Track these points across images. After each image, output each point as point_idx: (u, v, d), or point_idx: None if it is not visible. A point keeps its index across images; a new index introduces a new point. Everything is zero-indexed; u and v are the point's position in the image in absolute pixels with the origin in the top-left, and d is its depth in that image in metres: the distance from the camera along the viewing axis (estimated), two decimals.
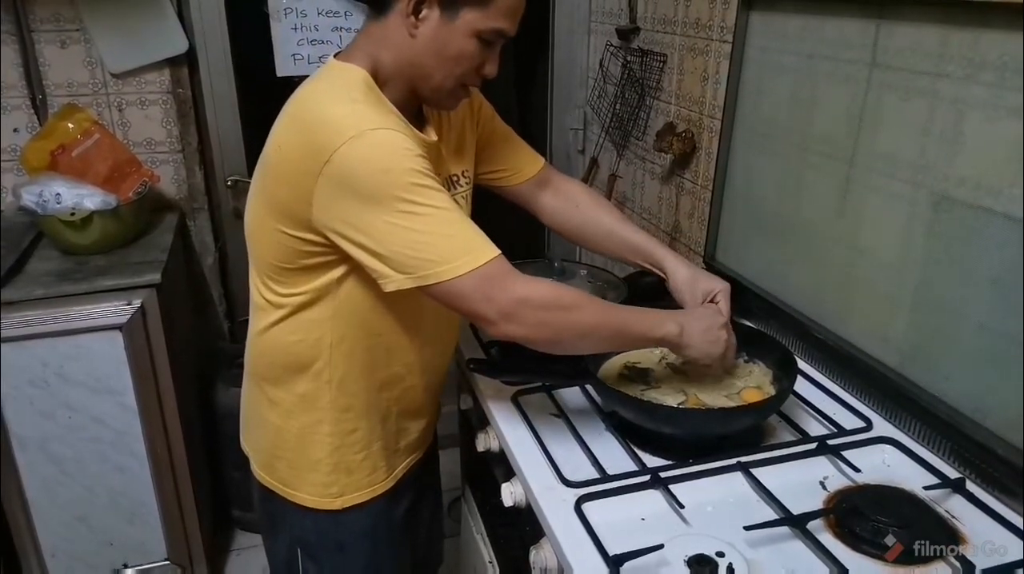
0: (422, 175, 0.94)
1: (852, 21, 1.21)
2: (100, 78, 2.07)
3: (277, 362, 1.13)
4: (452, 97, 1.07)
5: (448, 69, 1.02)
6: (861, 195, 1.23)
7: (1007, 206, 0.98)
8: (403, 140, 0.95)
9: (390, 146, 0.94)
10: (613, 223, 1.33)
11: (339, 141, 0.92)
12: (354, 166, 0.92)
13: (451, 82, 1.04)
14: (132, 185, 1.90)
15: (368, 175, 0.93)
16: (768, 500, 1.01)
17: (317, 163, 0.93)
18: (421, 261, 0.94)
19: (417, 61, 1.02)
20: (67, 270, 1.75)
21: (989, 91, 1.00)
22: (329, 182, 0.94)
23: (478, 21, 0.98)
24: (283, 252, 1.04)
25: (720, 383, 1.21)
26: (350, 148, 0.92)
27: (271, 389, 1.15)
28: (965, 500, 1.01)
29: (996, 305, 1.01)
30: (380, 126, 0.94)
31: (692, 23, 1.72)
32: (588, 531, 0.95)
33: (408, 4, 0.98)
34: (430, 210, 0.94)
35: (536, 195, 1.35)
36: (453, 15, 0.98)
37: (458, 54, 1.01)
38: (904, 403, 1.17)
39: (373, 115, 0.96)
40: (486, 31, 0.99)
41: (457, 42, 1.00)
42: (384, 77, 1.03)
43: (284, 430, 1.15)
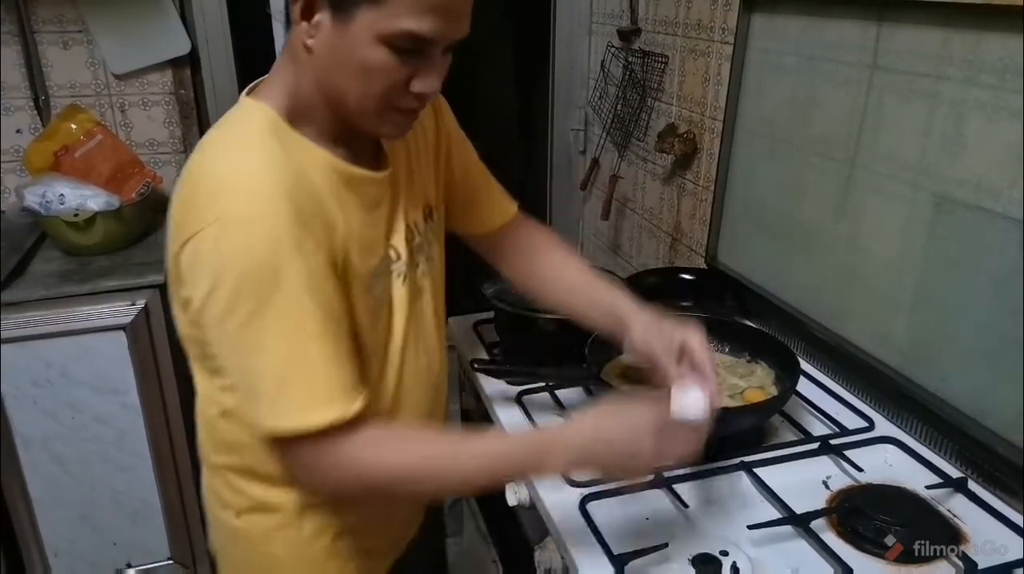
0: (287, 286, 0.74)
1: (853, 23, 1.21)
2: (103, 79, 2.07)
3: (227, 462, 0.94)
4: (385, 123, 0.84)
5: (360, 87, 0.79)
6: (862, 196, 1.23)
7: (1007, 207, 0.99)
8: (276, 234, 0.74)
9: (254, 242, 0.73)
10: (583, 286, 1.11)
11: (199, 223, 0.74)
12: (205, 261, 0.74)
13: (372, 103, 0.80)
14: (135, 186, 1.91)
15: (216, 276, 0.74)
16: (771, 499, 1.02)
17: (178, 240, 0.77)
18: (250, 397, 0.79)
19: (324, 80, 0.80)
20: (70, 271, 1.75)
21: (989, 93, 1.00)
22: (184, 269, 0.77)
23: (377, 22, 0.75)
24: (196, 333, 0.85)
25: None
26: (205, 237, 0.73)
27: (226, 492, 0.96)
28: (967, 499, 1.02)
29: (997, 305, 1.02)
30: (255, 211, 0.74)
31: (693, 24, 1.72)
32: (593, 530, 0.95)
33: (295, 8, 0.78)
34: (276, 338, 0.75)
35: (501, 245, 1.15)
36: (346, 18, 0.76)
37: (362, 66, 0.77)
38: (906, 403, 1.17)
39: (257, 187, 0.75)
40: (392, 34, 0.75)
41: (359, 51, 0.76)
42: (304, 106, 0.83)
43: (242, 534, 0.97)
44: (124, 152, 1.99)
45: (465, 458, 0.84)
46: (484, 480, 0.86)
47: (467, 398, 1.43)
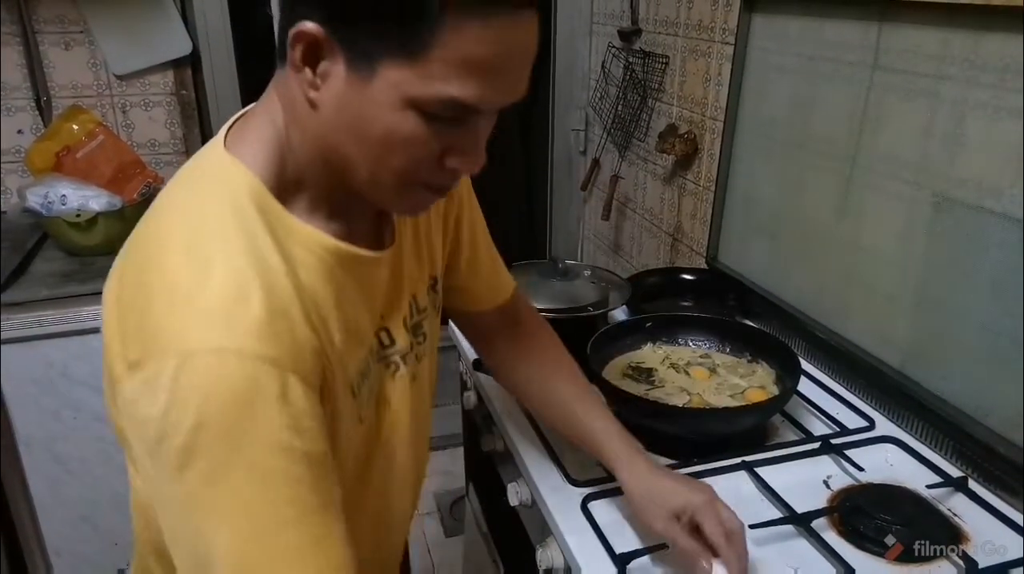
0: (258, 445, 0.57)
1: (853, 23, 1.22)
2: (104, 80, 2.08)
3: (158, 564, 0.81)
4: (404, 200, 0.68)
5: (378, 158, 0.62)
6: (863, 196, 1.24)
7: (1008, 207, 0.99)
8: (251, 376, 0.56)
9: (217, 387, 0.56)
10: (571, 399, 0.98)
11: (155, 351, 0.57)
12: (160, 403, 0.56)
13: (391, 178, 0.64)
14: (136, 186, 1.90)
15: (173, 426, 0.56)
16: (772, 499, 1.02)
17: (121, 361, 0.59)
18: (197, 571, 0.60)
19: (328, 141, 0.63)
20: (72, 271, 1.76)
21: (990, 93, 1.00)
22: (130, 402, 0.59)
23: (408, 82, 0.58)
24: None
25: None
26: (161, 373, 0.56)
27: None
28: (968, 499, 1.02)
29: (997, 305, 1.02)
30: (219, 342, 0.56)
31: (694, 25, 1.73)
32: (595, 530, 0.95)
33: (292, 49, 0.59)
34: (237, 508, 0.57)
35: (491, 327, 1.02)
36: (367, 72, 0.58)
37: (384, 134, 0.60)
38: (906, 402, 1.17)
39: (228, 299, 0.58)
40: (427, 99, 0.58)
41: (380, 115, 0.59)
42: (298, 167, 0.66)
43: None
44: (126, 153, 1.99)
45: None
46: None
47: (469, 398, 1.43)
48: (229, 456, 0.56)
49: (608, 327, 1.31)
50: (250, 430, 0.57)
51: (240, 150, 0.66)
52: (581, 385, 1.00)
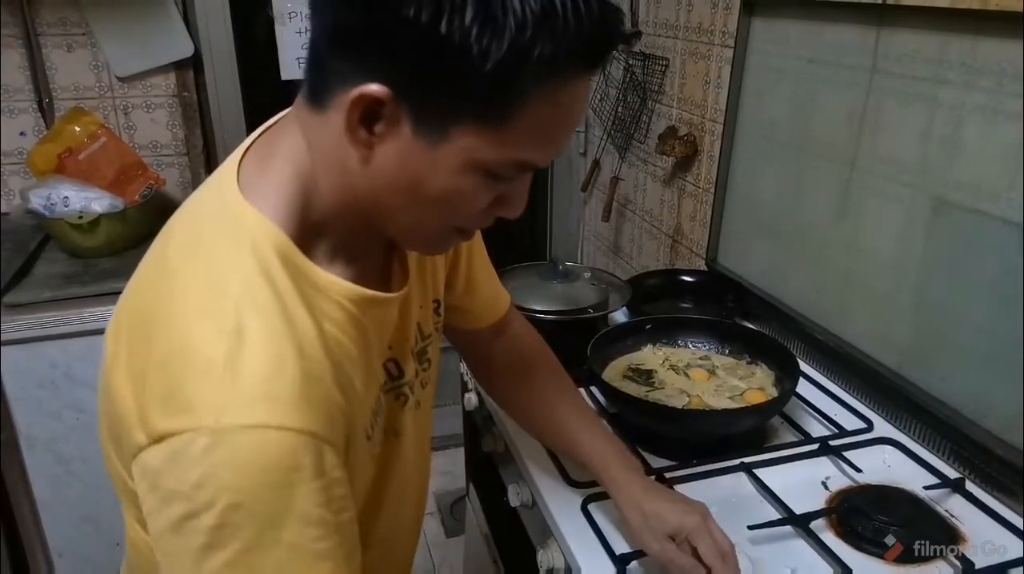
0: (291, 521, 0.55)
1: (852, 27, 1.22)
2: (106, 81, 2.08)
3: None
4: (437, 245, 0.71)
5: (428, 213, 0.62)
6: (862, 198, 1.24)
7: (1005, 210, 1.00)
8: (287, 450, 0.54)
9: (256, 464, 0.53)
10: (568, 419, 0.98)
11: (181, 422, 0.54)
12: (186, 478, 0.53)
13: (434, 228, 0.65)
14: (138, 188, 1.91)
15: (200, 503, 0.53)
16: (771, 500, 1.03)
17: (141, 428, 0.56)
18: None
19: (373, 197, 0.62)
20: (74, 272, 1.76)
21: (987, 97, 1.01)
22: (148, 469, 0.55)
23: (483, 148, 0.57)
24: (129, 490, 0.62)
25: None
26: (190, 445, 0.53)
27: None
28: (965, 500, 1.03)
29: (994, 307, 1.03)
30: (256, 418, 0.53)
31: (694, 28, 1.73)
32: (595, 531, 0.96)
33: (351, 110, 0.56)
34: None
35: (486, 346, 1.02)
36: (437, 137, 0.57)
37: (444, 194, 0.60)
38: (904, 404, 1.18)
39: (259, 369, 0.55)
40: (500, 163, 0.59)
41: (443, 179, 0.59)
42: (323, 213, 0.64)
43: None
44: (128, 154, 1.99)
45: None
46: None
47: (470, 399, 1.44)
48: (264, 535, 0.54)
49: (608, 329, 1.32)
50: (287, 509, 0.54)
51: (259, 195, 0.62)
52: (578, 405, 0.99)
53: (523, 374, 1.01)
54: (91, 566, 1.87)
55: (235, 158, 0.66)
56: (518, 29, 0.52)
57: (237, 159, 0.66)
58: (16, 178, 2.07)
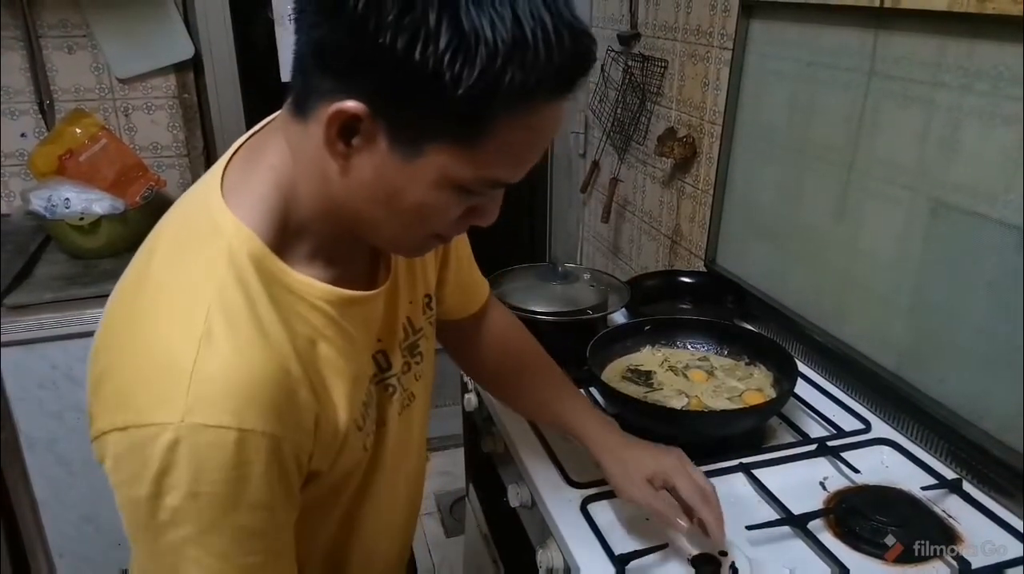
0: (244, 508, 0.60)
1: (850, 30, 1.23)
2: (107, 83, 2.09)
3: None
4: (416, 250, 0.74)
5: (405, 224, 0.65)
6: (859, 200, 1.25)
7: (1002, 212, 1.00)
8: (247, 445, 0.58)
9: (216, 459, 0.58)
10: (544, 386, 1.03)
11: (147, 414, 0.57)
12: (151, 467, 0.57)
13: (413, 238, 0.69)
14: (139, 189, 1.92)
15: (160, 488, 0.58)
16: (769, 500, 1.03)
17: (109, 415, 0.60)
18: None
19: (351, 206, 0.64)
20: (75, 274, 1.77)
21: (984, 100, 1.02)
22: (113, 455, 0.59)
23: (456, 166, 0.59)
24: None
25: None
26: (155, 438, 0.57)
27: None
28: (962, 500, 1.03)
29: (992, 309, 1.03)
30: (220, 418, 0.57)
31: (693, 30, 1.74)
32: (594, 531, 0.97)
33: (329, 124, 0.59)
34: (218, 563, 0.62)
35: (467, 332, 1.05)
36: (412, 151, 0.59)
37: (419, 208, 0.63)
38: (902, 405, 1.19)
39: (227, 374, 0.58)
40: (469, 182, 0.61)
41: (418, 192, 0.61)
42: (302, 218, 0.66)
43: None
44: (128, 156, 2.00)
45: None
46: None
47: (470, 400, 1.45)
48: (218, 519, 0.60)
49: (607, 330, 1.33)
50: (240, 497, 0.60)
51: (240, 202, 0.65)
52: (552, 372, 1.04)
53: (504, 356, 1.05)
54: (92, 566, 1.87)
55: (221, 163, 0.69)
56: (489, 58, 0.53)
57: (223, 164, 0.68)
58: (17, 180, 2.08)
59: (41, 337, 1.65)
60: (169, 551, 0.61)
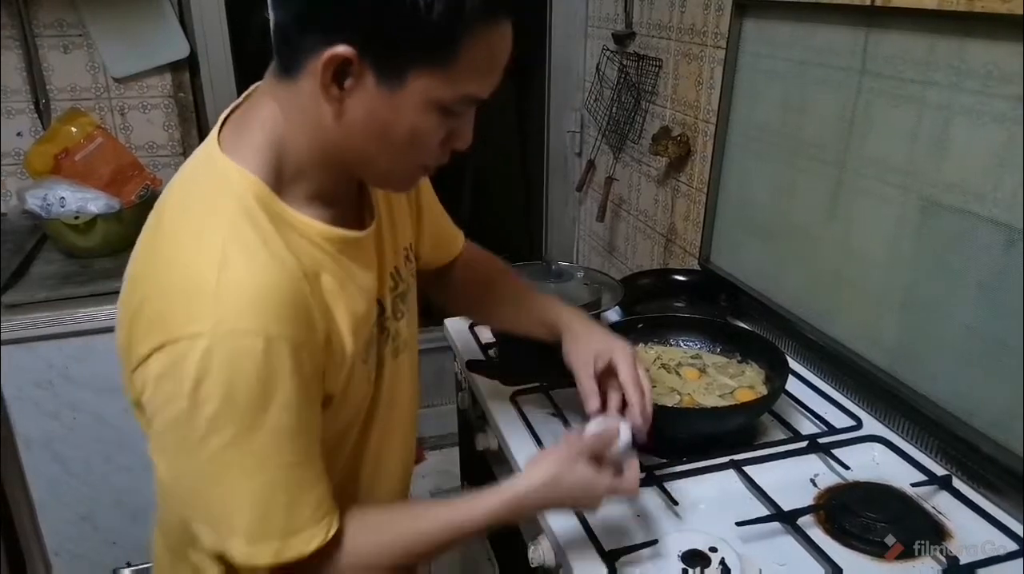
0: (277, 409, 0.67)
1: (842, 29, 1.23)
2: (102, 82, 2.09)
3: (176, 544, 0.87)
4: (407, 181, 0.80)
5: (398, 153, 0.73)
6: (851, 199, 1.25)
7: (992, 210, 1.01)
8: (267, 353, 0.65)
9: (245, 365, 0.65)
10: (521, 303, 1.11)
11: (178, 331, 0.65)
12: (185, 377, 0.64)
13: (406, 166, 0.76)
14: (135, 188, 1.92)
15: (199, 397, 0.65)
16: (760, 497, 1.04)
17: (147, 342, 0.67)
18: (219, 525, 0.71)
19: (347, 146, 0.72)
20: (71, 273, 1.77)
21: (974, 98, 1.02)
22: (152, 375, 0.67)
23: (437, 88, 0.68)
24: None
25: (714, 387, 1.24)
26: (188, 350, 0.64)
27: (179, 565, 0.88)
28: (951, 496, 1.04)
29: (982, 307, 1.04)
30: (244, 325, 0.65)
31: (687, 29, 1.74)
32: (585, 528, 0.97)
33: (324, 71, 0.66)
34: (257, 464, 0.68)
35: (449, 275, 1.13)
36: (397, 84, 0.67)
37: (410, 134, 0.70)
38: (893, 402, 1.19)
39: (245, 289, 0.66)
40: (452, 99, 0.69)
41: (407, 119, 0.69)
42: (296, 167, 0.74)
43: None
44: (124, 155, 2.00)
45: (436, 534, 0.81)
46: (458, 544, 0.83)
47: (464, 398, 1.45)
48: (254, 420, 0.66)
49: None
50: (271, 398, 0.66)
51: (239, 155, 0.72)
52: (522, 283, 1.14)
53: (478, 285, 1.14)
54: (89, 565, 1.88)
55: (214, 131, 0.76)
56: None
57: (216, 131, 0.76)
58: (13, 179, 2.08)
59: (37, 336, 1.66)
60: (210, 461, 0.67)
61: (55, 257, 1.86)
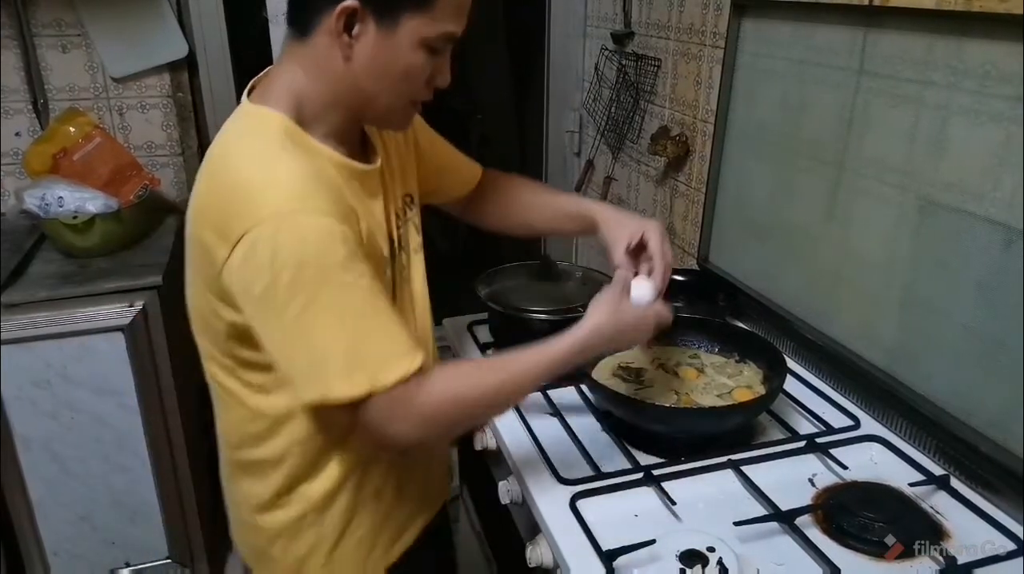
0: (340, 269, 0.81)
1: (840, 28, 1.23)
2: (101, 82, 2.09)
3: (246, 457, 1.00)
4: (403, 117, 0.96)
5: (395, 89, 0.89)
6: (849, 198, 1.25)
7: (989, 210, 1.01)
8: (323, 225, 0.81)
9: (308, 233, 0.80)
10: (550, 201, 1.26)
11: (250, 221, 0.80)
12: (263, 254, 0.79)
13: (402, 102, 0.92)
14: (133, 188, 1.92)
15: (277, 267, 0.79)
16: (758, 497, 1.04)
17: (227, 241, 0.81)
18: (319, 374, 0.83)
19: (357, 87, 0.88)
20: (69, 272, 1.77)
21: (972, 98, 1.02)
22: (238, 265, 0.81)
23: (423, 27, 0.85)
24: (224, 337, 0.91)
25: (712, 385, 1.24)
26: (262, 232, 0.79)
27: (247, 483, 1.02)
28: (949, 496, 1.04)
29: (979, 306, 1.04)
30: (300, 206, 0.81)
31: (685, 28, 1.74)
32: (583, 527, 0.97)
33: (337, 21, 0.83)
34: (340, 313, 0.82)
35: (479, 205, 1.27)
36: (392, 25, 0.84)
37: (405, 70, 0.87)
38: (891, 402, 1.19)
39: (294, 184, 0.82)
40: (433, 37, 0.86)
41: (402, 57, 0.86)
42: (313, 111, 0.90)
43: (265, 529, 1.02)
44: (122, 155, 2.00)
45: (519, 374, 0.94)
46: (520, 382, 0.94)
47: None
48: (324, 279, 0.80)
49: None
50: (331, 260, 0.80)
51: (265, 102, 0.89)
52: (550, 190, 1.29)
53: (507, 202, 1.27)
54: (87, 565, 1.87)
55: (244, 95, 0.93)
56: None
57: (245, 95, 0.93)
58: (11, 178, 2.07)
59: (35, 335, 1.65)
60: (296, 320, 0.80)
61: (53, 257, 1.86)
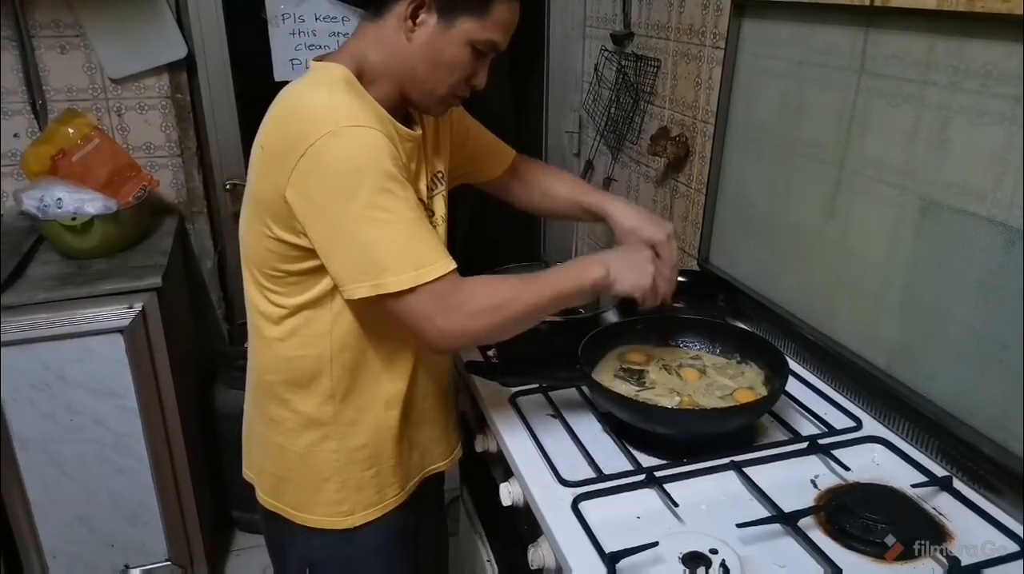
0: (391, 179, 0.95)
1: (841, 29, 1.23)
2: (100, 83, 2.09)
3: (278, 379, 1.12)
4: (442, 104, 1.10)
5: (440, 76, 1.05)
6: (850, 199, 1.25)
7: (991, 210, 1.01)
8: (378, 139, 0.96)
9: (364, 144, 0.95)
10: (568, 192, 1.38)
11: (314, 135, 0.93)
12: (326, 162, 0.93)
13: (442, 89, 1.06)
14: (132, 189, 1.92)
15: (338, 173, 0.93)
16: (760, 498, 1.03)
17: (293, 156, 0.94)
18: (371, 270, 0.95)
19: (410, 64, 1.04)
20: (68, 274, 1.77)
21: (973, 98, 1.02)
22: (301, 176, 0.95)
23: (474, 31, 1.01)
24: (273, 258, 1.04)
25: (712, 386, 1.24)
26: (325, 143, 0.93)
27: (274, 408, 1.13)
28: (952, 497, 1.04)
29: (981, 307, 1.04)
30: (357, 122, 0.95)
31: (685, 29, 1.74)
32: (585, 529, 0.97)
33: (407, 8, 1.01)
34: (391, 217, 0.95)
35: (509, 185, 1.40)
36: (450, 23, 1.01)
37: (451, 61, 1.03)
38: (893, 403, 1.19)
39: (352, 109, 0.97)
40: (481, 41, 1.02)
41: (451, 50, 1.02)
42: (371, 76, 1.05)
43: (289, 450, 1.14)
44: (121, 156, 2.00)
45: (531, 280, 1.05)
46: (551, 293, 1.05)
47: (463, 400, 1.45)
48: (379, 186, 0.94)
49: (599, 329, 1.33)
50: (386, 168, 0.95)
51: (329, 61, 1.05)
52: (572, 180, 1.41)
53: (535, 186, 1.40)
54: (85, 567, 1.87)
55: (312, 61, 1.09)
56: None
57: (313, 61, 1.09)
58: (10, 180, 2.07)
59: (34, 337, 1.65)
60: (355, 220, 0.94)
61: (52, 258, 1.85)
